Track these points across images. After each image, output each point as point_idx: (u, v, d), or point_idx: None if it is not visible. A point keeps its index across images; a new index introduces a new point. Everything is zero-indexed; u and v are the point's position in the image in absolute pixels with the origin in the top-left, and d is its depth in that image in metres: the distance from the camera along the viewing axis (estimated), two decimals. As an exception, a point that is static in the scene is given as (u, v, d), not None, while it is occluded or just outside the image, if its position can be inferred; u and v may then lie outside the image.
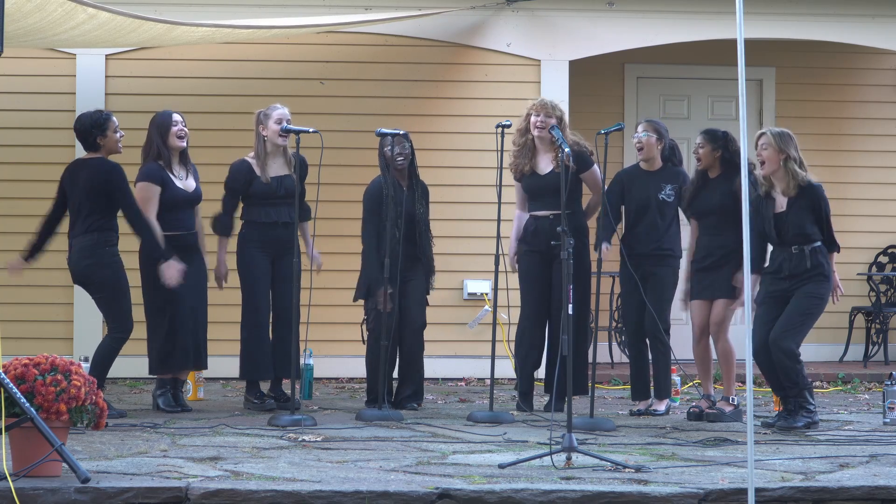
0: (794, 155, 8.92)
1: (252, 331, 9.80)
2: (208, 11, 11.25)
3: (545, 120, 9.69)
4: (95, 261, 9.10)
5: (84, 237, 9.12)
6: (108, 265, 9.12)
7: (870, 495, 6.84)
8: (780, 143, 8.92)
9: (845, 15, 12.05)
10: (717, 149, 9.51)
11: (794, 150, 8.93)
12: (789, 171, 8.91)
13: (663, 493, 6.64)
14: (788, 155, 8.91)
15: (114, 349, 9.13)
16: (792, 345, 8.84)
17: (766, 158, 8.94)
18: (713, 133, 9.60)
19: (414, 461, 7.50)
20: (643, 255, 9.73)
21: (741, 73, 6.74)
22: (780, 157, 8.91)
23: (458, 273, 11.62)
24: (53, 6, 8.94)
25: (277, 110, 9.80)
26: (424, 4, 11.65)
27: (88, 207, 9.11)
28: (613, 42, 12.00)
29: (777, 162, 8.93)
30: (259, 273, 9.77)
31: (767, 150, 8.94)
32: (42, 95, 11.64)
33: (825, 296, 8.96)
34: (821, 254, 8.95)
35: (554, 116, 9.68)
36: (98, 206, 9.10)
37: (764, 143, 8.97)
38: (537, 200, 9.80)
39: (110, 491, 6.50)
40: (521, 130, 9.86)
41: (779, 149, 8.91)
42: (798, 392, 8.91)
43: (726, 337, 9.53)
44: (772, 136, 8.94)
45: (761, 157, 8.97)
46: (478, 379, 11.70)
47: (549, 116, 9.69)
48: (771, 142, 8.93)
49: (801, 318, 8.87)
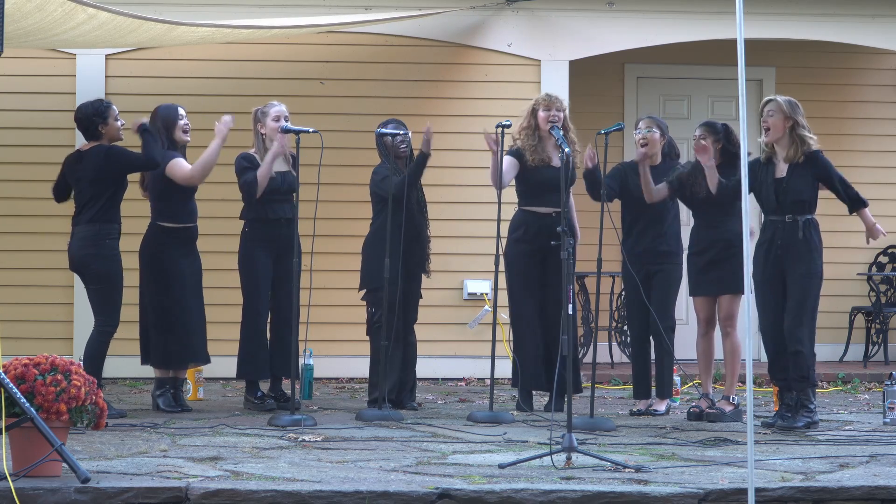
0: (801, 122, 8.93)
1: (252, 330, 9.80)
2: (208, 11, 11.25)
3: (556, 114, 9.69)
4: (95, 252, 9.12)
5: (87, 227, 9.15)
6: (107, 257, 9.14)
7: (870, 495, 6.84)
8: (789, 109, 8.93)
9: (845, 15, 12.05)
10: (719, 140, 9.53)
11: (801, 117, 8.94)
12: (796, 138, 8.91)
13: (663, 493, 6.64)
14: (796, 121, 8.92)
15: (102, 342, 9.14)
16: (806, 332, 8.88)
17: (772, 125, 8.95)
18: (713, 125, 9.62)
19: (414, 461, 7.50)
20: (644, 254, 9.73)
21: (741, 73, 6.74)
22: (787, 124, 8.93)
23: (458, 273, 11.62)
24: (53, 6, 8.95)
25: (275, 107, 9.81)
26: (424, 4, 11.65)
27: (90, 195, 9.14)
28: (613, 42, 12.00)
29: (783, 129, 8.93)
30: (261, 273, 9.77)
31: (774, 117, 8.95)
32: (42, 95, 11.65)
33: (819, 272, 8.98)
34: (812, 227, 8.96)
35: (562, 110, 9.72)
36: (102, 194, 9.13)
37: (771, 110, 8.96)
38: (540, 195, 9.75)
39: (110, 491, 6.50)
40: (530, 128, 9.81)
41: (786, 115, 8.92)
42: (804, 387, 8.91)
43: (736, 332, 9.54)
44: (781, 102, 8.95)
45: (766, 123, 8.96)
46: (478, 379, 11.70)
47: (559, 110, 9.71)
48: (780, 107, 8.93)
49: (804, 302, 8.89)
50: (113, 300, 9.16)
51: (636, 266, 9.66)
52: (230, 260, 9.99)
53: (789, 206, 8.95)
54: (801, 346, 8.86)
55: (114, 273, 9.15)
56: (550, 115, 9.68)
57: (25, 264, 11.51)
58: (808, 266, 8.94)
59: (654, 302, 9.65)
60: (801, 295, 8.90)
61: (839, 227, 11.18)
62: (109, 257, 9.15)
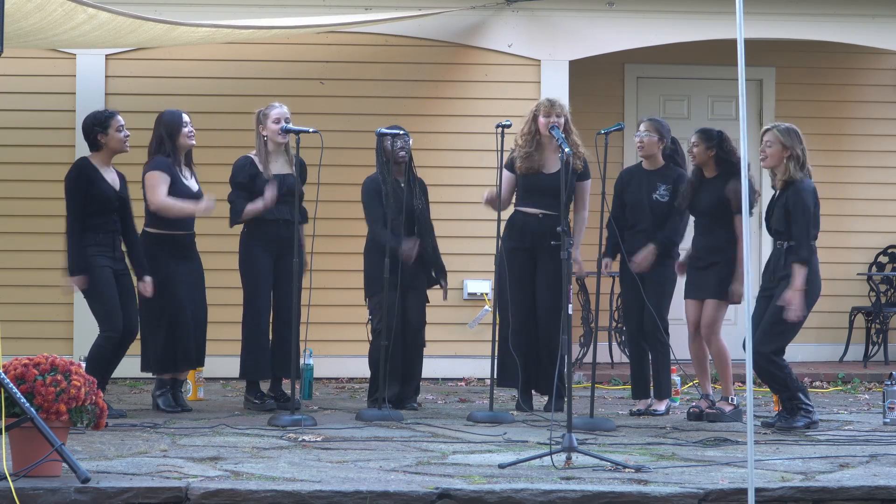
0: (797, 153, 8.91)
1: (253, 330, 9.80)
2: (208, 11, 11.25)
3: (556, 120, 9.68)
4: (73, 261, 9.11)
5: (69, 237, 9.14)
6: (86, 268, 9.09)
7: (870, 495, 6.84)
8: (787, 140, 8.91)
9: (845, 15, 12.05)
10: (711, 147, 9.50)
11: (798, 147, 8.91)
12: (785, 168, 8.92)
13: (663, 493, 6.64)
14: (792, 153, 8.91)
15: (103, 347, 9.11)
16: (769, 350, 8.84)
17: (770, 154, 8.95)
18: (708, 132, 9.60)
19: (414, 461, 7.50)
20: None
21: (741, 73, 6.74)
22: (784, 155, 8.92)
23: (458, 273, 11.61)
24: (53, 6, 8.94)
25: (276, 109, 9.81)
26: (424, 4, 11.65)
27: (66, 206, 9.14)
28: (613, 42, 12.00)
29: (780, 159, 8.93)
30: (262, 273, 9.77)
31: (772, 148, 8.95)
32: (42, 95, 11.64)
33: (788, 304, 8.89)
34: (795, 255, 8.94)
35: (563, 115, 9.71)
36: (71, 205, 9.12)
37: (769, 141, 8.95)
38: (532, 198, 9.78)
39: (110, 491, 6.50)
40: (530, 133, 9.81)
41: (783, 146, 8.91)
42: (790, 395, 8.92)
43: (718, 338, 9.53)
44: (778, 133, 8.92)
45: (764, 152, 8.96)
46: (478, 379, 11.70)
47: (559, 116, 9.70)
48: (777, 139, 8.91)
49: (775, 325, 8.85)
50: (103, 307, 9.12)
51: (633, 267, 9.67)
52: (229, 260, 9.98)
53: (774, 233, 9.01)
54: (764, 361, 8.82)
55: (95, 281, 9.10)
56: (550, 121, 9.68)
57: (25, 264, 11.51)
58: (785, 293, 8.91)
59: (649, 303, 9.65)
60: (774, 317, 8.83)
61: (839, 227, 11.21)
62: (87, 267, 9.08)
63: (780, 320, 8.80)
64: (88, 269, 9.09)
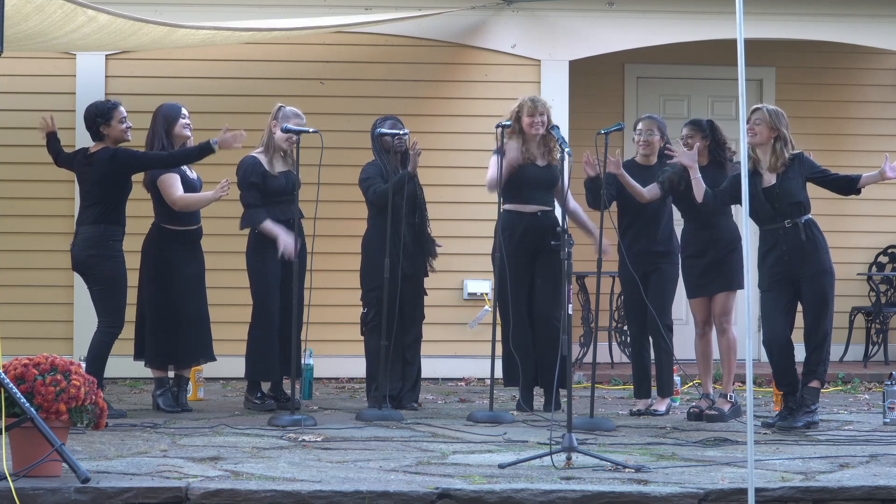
0: (783, 134, 8.97)
1: (264, 332, 9.74)
2: (208, 12, 11.25)
3: (540, 118, 9.70)
4: (98, 252, 9.12)
5: (91, 227, 9.14)
6: (111, 258, 9.13)
7: (870, 495, 6.84)
8: (774, 120, 8.97)
9: (845, 15, 12.05)
10: (706, 137, 9.56)
11: (784, 128, 8.99)
12: (776, 151, 8.95)
13: (663, 493, 6.65)
14: (779, 134, 8.96)
15: (106, 343, 9.12)
16: (829, 330, 9.00)
17: (758, 132, 8.98)
18: (698, 123, 9.66)
19: (414, 461, 7.50)
20: (640, 255, 9.73)
21: (741, 73, 6.74)
22: (772, 135, 8.96)
23: (458, 273, 11.62)
24: (53, 7, 8.94)
25: (292, 121, 9.72)
26: (425, 4, 11.66)
27: (96, 196, 9.14)
28: (613, 42, 12.01)
29: (768, 138, 8.97)
30: (272, 274, 9.75)
31: (760, 126, 8.98)
32: (42, 95, 11.64)
33: (830, 268, 9.01)
34: (813, 227, 8.99)
35: (545, 113, 9.73)
36: (107, 196, 9.13)
37: (758, 119, 9.00)
38: (525, 192, 9.76)
39: (110, 491, 6.50)
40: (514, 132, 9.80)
41: (771, 126, 8.96)
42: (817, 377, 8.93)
43: (732, 328, 9.56)
44: (767, 113, 8.98)
45: (753, 130, 8.98)
46: (478, 379, 11.70)
47: (542, 114, 9.72)
48: (765, 118, 8.97)
49: (825, 299, 8.95)
50: (116, 301, 9.15)
51: (633, 267, 9.66)
52: (233, 260, 9.99)
53: (786, 210, 8.97)
54: (824, 341, 8.95)
55: (117, 275, 9.14)
56: (534, 120, 9.69)
57: (26, 264, 11.51)
58: (820, 265, 8.96)
59: (652, 302, 9.66)
60: (820, 293, 8.93)
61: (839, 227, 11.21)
62: (112, 258, 9.14)
63: (827, 292, 8.93)
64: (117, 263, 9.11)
